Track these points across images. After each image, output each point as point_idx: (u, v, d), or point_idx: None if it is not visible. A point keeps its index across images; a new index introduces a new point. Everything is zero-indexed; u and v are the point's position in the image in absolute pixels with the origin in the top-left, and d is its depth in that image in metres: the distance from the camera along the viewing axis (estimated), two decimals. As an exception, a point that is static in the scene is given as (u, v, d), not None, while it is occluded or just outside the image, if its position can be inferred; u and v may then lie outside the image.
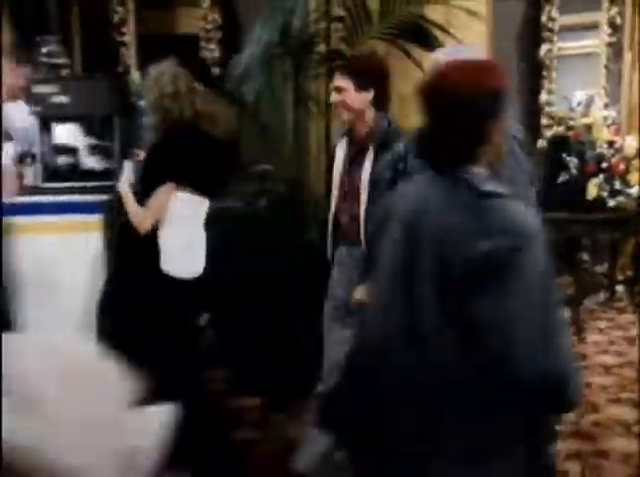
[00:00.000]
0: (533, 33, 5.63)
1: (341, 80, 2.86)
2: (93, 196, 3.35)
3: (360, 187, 2.87)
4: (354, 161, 2.96)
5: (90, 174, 3.47)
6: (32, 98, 3.37)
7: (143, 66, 3.86)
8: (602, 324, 5.02)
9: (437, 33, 3.89)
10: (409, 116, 3.93)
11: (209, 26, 4.95)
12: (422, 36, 3.91)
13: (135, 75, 4.22)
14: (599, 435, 3.38)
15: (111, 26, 5.50)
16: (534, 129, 5.60)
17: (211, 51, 4.94)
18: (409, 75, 3.97)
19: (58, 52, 3.51)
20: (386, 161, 2.76)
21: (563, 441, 3.14)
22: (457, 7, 4.01)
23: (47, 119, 3.39)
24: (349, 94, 2.84)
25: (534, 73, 5.69)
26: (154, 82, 2.84)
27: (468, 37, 4.10)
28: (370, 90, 2.86)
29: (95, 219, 3.33)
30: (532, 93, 5.67)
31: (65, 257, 3.25)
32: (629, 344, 4.56)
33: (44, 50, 3.44)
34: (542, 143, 5.66)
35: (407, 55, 3.94)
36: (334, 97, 2.89)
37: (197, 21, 5.40)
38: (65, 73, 3.62)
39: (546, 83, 5.70)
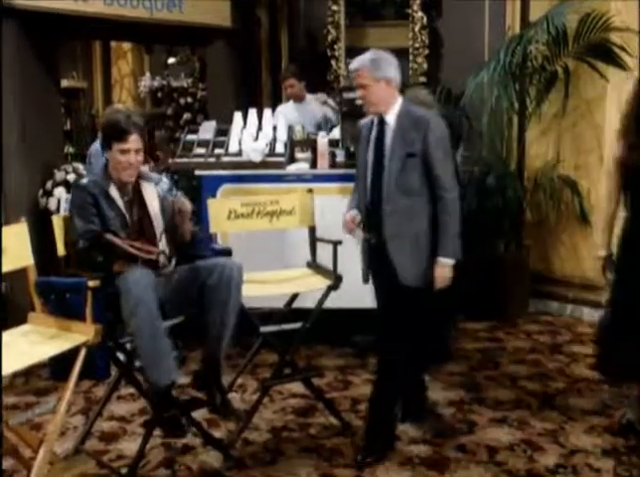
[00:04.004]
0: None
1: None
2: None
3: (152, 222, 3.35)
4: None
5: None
6: (342, 102, 4.86)
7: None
8: None
9: (617, 51, 5.14)
10: (594, 116, 5.31)
11: (417, 44, 6.31)
12: (606, 54, 5.16)
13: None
14: None
15: (325, 43, 6.92)
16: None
17: (419, 64, 6.31)
18: (595, 83, 5.33)
19: (359, 69, 4.91)
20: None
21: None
22: (629, 31, 5.28)
23: (349, 116, 4.82)
24: None
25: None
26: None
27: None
28: None
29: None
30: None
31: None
32: None
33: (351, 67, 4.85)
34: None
35: (594, 68, 5.23)
36: None
37: (389, 37, 6.77)
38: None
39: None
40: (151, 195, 3.39)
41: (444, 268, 3.26)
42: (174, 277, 3.33)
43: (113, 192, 3.28)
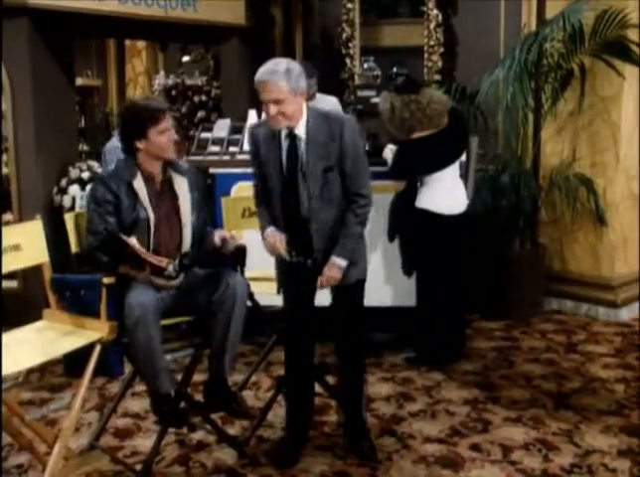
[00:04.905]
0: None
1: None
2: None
3: (181, 218, 3.25)
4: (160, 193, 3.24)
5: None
6: (358, 99, 4.86)
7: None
8: None
9: (634, 48, 5.10)
10: (610, 114, 5.27)
11: (432, 42, 6.29)
12: (623, 51, 5.14)
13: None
14: None
15: (340, 41, 6.91)
16: None
17: (434, 62, 6.29)
18: (612, 81, 5.29)
19: (374, 67, 4.93)
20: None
21: None
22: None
23: (363, 114, 4.83)
24: None
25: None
26: None
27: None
28: None
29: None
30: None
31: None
32: None
33: (365, 66, 4.87)
34: None
35: (611, 66, 5.19)
36: None
37: (404, 35, 6.75)
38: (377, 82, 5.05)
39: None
40: (182, 188, 3.28)
41: (335, 269, 3.13)
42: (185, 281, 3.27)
43: (138, 184, 3.16)
